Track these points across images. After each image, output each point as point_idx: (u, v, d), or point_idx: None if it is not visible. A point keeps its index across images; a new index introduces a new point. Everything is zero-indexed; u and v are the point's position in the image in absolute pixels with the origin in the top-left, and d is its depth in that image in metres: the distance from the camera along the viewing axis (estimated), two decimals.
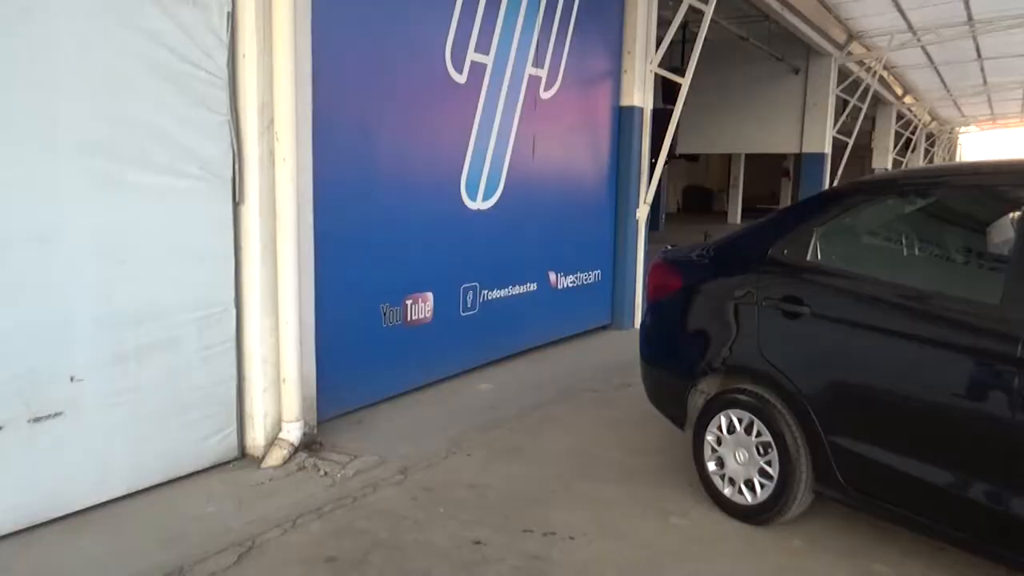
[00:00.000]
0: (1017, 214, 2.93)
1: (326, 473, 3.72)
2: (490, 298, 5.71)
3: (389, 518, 3.30)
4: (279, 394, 3.89)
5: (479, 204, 5.49)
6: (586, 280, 6.98)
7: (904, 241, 3.52)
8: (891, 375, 2.86)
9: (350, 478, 3.69)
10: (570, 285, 6.75)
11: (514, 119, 5.75)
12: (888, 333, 2.88)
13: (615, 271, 7.39)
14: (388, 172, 4.66)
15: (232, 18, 3.56)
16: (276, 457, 3.79)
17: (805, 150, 14.90)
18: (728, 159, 26.43)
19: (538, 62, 5.94)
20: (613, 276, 7.39)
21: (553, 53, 6.12)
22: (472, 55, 5.21)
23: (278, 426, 3.91)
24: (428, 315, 5.09)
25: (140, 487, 3.43)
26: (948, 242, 3.51)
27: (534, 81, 5.93)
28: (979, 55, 14.63)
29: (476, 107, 5.33)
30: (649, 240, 7.62)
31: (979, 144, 33.68)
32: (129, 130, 3.21)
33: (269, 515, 3.28)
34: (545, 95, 6.10)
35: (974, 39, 12.93)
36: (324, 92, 4.05)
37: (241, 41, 3.61)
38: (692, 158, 23.27)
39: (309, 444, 3.99)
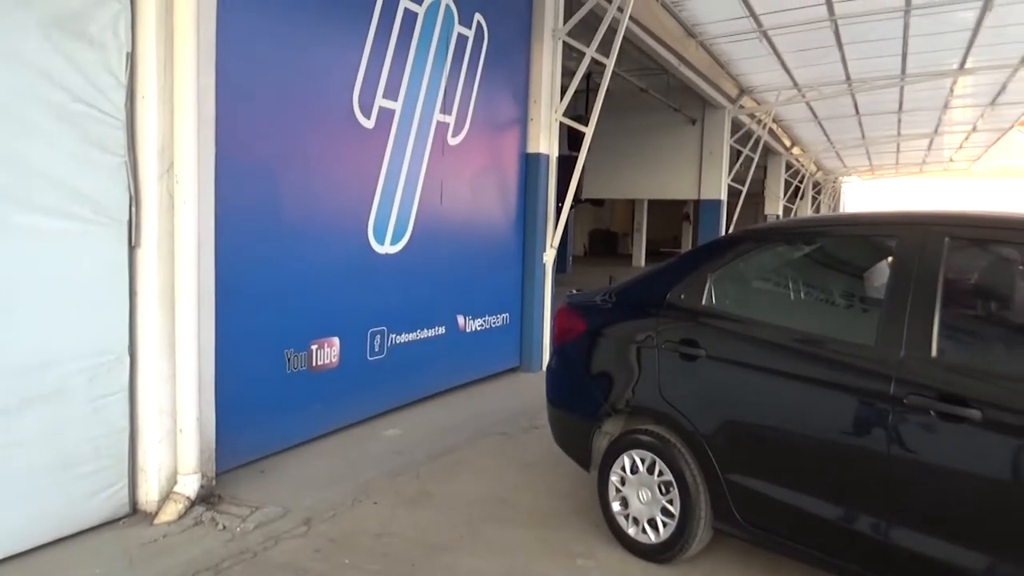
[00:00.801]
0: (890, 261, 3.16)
1: (225, 527, 3.58)
2: (398, 342, 5.68)
3: (291, 572, 3.20)
4: (175, 445, 3.74)
5: (387, 248, 5.49)
6: (494, 323, 7.05)
7: (791, 286, 3.73)
8: (780, 414, 3.02)
9: (250, 531, 3.56)
10: (479, 328, 6.79)
11: (422, 164, 5.80)
12: (776, 374, 3.04)
13: (523, 314, 7.48)
14: (294, 216, 4.61)
15: (131, 59, 3.49)
16: (171, 512, 3.62)
17: (703, 196, 15.63)
18: (632, 204, 27.34)
19: (446, 109, 6.05)
20: (521, 319, 7.48)
21: (461, 100, 6.24)
22: (380, 101, 5.26)
23: (174, 479, 3.74)
24: (334, 360, 5.01)
25: (22, 549, 3.19)
26: (831, 287, 3.74)
27: (442, 127, 6.02)
28: (857, 111, 15.81)
29: (384, 152, 5.36)
30: (557, 283, 7.77)
31: (860, 192, 36.06)
32: (13, 170, 3.06)
33: (162, 574, 3.12)
34: (453, 141, 6.20)
35: (852, 96, 13.98)
36: (228, 134, 4.00)
37: (140, 82, 3.53)
38: (597, 203, 23.99)
39: (207, 497, 3.83)
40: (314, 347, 4.84)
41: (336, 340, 5.03)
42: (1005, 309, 2.98)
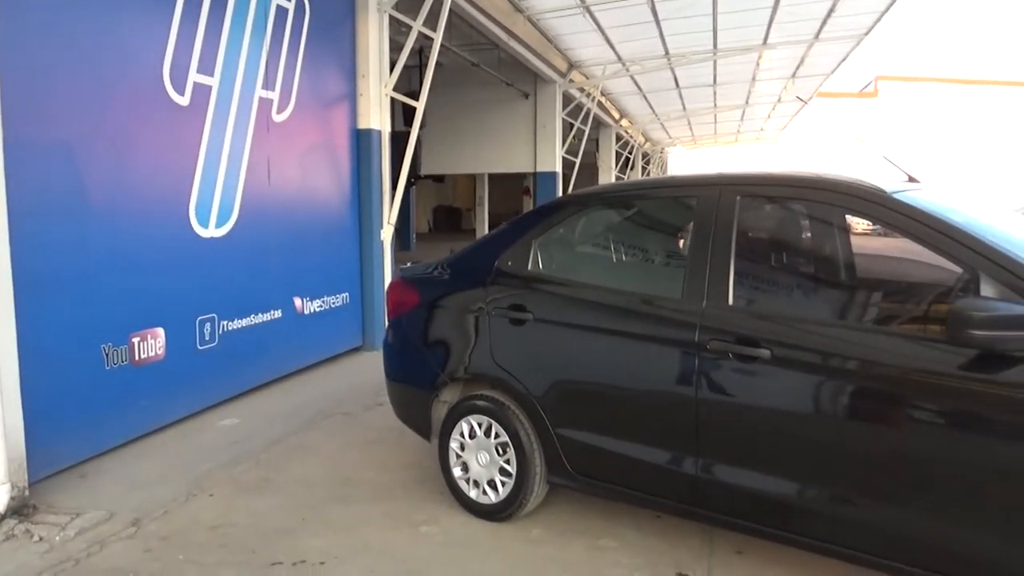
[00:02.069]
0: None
1: (41, 538, 3.33)
2: (230, 329, 5.45)
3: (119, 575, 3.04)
4: None
5: (212, 231, 5.23)
6: (334, 304, 6.92)
7: (610, 247, 3.95)
8: (603, 368, 3.21)
9: (71, 539, 3.33)
10: (317, 310, 6.64)
11: (246, 143, 5.56)
12: (597, 331, 3.22)
13: (363, 293, 7.40)
14: (102, 201, 4.28)
15: None
16: None
17: (539, 169, 15.99)
18: (474, 179, 27.50)
19: (268, 85, 5.82)
20: (361, 298, 7.39)
21: (284, 76, 6.03)
22: (195, 76, 4.97)
23: None
24: (160, 352, 4.74)
25: None
26: (648, 247, 3.99)
27: (265, 104, 5.79)
28: (677, 84, 16.73)
29: (202, 131, 5.08)
30: (400, 260, 7.73)
31: (685, 161, 38.25)
32: None
33: None
34: (278, 118, 5.98)
35: (672, 71, 14.77)
36: (17, 112, 3.65)
37: None
38: (439, 179, 23.97)
39: (20, 509, 3.55)
40: (136, 340, 4.56)
41: (160, 331, 4.76)
42: (789, 257, 3.32)
